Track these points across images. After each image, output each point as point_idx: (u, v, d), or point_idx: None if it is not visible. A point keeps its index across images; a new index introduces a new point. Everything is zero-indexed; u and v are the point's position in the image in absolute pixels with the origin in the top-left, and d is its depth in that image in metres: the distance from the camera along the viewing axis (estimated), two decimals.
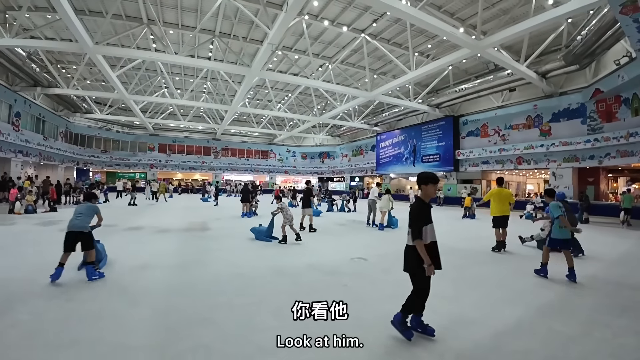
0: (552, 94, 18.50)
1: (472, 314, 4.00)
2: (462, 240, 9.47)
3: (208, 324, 3.62)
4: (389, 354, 3.07)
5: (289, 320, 3.75)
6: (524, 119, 20.30)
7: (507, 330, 3.53)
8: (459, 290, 4.90)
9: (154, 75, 23.92)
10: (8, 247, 7.20)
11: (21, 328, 3.40)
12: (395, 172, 31.02)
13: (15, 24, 14.27)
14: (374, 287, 5.05)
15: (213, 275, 5.49)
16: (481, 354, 3.05)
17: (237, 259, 6.68)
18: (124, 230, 10.00)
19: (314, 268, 6.04)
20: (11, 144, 20.09)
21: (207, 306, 4.15)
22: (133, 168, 36.58)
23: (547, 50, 16.24)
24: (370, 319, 3.84)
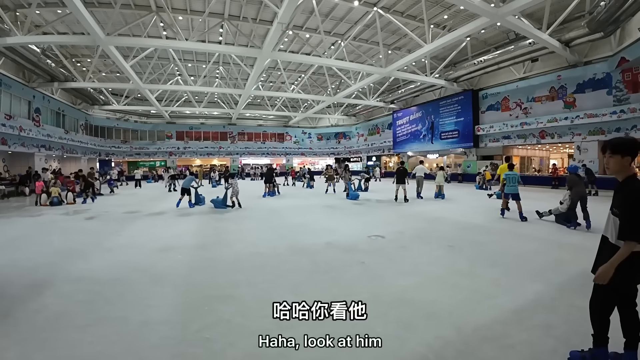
0: (576, 64, 17.50)
1: (490, 290, 3.93)
2: (480, 215, 9.31)
3: (228, 301, 3.73)
4: (406, 328, 3.06)
5: (307, 296, 3.81)
6: (547, 91, 19.33)
7: (526, 306, 3.45)
8: (477, 266, 4.82)
9: (167, 63, 24.01)
10: (35, 236, 7.52)
11: (49, 311, 3.55)
12: (413, 150, 30.47)
13: (26, 21, 14.49)
14: (391, 263, 5.03)
15: (233, 255, 5.61)
16: (500, 328, 3.01)
17: (256, 239, 6.79)
18: (146, 216, 10.31)
19: (331, 246, 6.07)
20: (33, 139, 20.73)
21: (227, 284, 4.26)
22: (153, 156, 37.45)
23: (570, 17, 15.24)
24: (386, 294, 3.84)
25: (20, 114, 20.17)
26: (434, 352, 2.62)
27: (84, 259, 5.51)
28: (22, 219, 10.12)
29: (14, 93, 19.47)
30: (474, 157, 24.40)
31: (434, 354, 2.61)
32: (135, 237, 7.22)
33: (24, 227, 8.63)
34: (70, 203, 13.62)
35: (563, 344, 2.69)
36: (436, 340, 2.81)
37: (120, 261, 5.36)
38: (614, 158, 2.31)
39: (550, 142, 19.76)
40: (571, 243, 6.03)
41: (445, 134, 26.20)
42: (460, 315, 3.27)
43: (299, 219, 9.32)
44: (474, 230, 7.38)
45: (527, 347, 2.67)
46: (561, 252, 5.43)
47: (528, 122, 19.87)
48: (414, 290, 3.91)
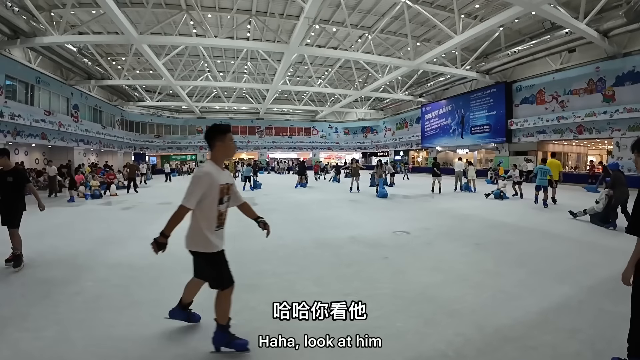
0: (615, 55, 16.38)
1: (515, 290, 3.83)
2: (510, 213, 9.02)
3: (254, 289, 3.89)
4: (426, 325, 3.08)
5: (329, 287, 3.93)
6: (585, 83, 18.22)
7: (552, 308, 3.34)
8: (504, 266, 4.70)
9: (197, 59, 24.69)
10: (75, 224, 8.06)
11: (87, 294, 3.82)
12: (442, 145, 29.73)
13: (62, 21, 15.33)
14: (415, 260, 5.03)
15: (259, 246, 5.78)
16: (523, 329, 2.95)
17: (282, 231, 6.94)
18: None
19: (355, 241, 6.12)
20: (72, 134, 22.05)
21: (253, 273, 4.42)
22: (184, 150, 38.85)
23: (607, 6, 14.29)
24: (408, 289, 3.85)
25: (60, 110, 21.48)
26: (454, 349, 2.63)
27: (120, 246, 5.89)
28: (63, 208, 10.86)
29: (52, 90, 20.72)
30: (506, 153, 23.48)
31: (454, 351, 2.61)
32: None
33: (64, 216, 9.27)
34: (113, 195, 14.16)
35: (588, 348, 2.62)
36: (456, 337, 2.80)
37: None
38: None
39: (588, 138, 18.69)
40: (606, 245, 5.73)
41: (476, 128, 25.36)
42: (483, 314, 3.23)
43: (325, 212, 9.44)
44: (502, 228, 7.19)
45: (550, 350, 2.61)
46: (594, 254, 5.19)
47: (565, 116, 18.85)
48: (437, 287, 3.90)
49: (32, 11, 13.93)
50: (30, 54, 18.24)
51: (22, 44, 15.58)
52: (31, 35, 15.27)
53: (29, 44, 15.72)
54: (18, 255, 4.67)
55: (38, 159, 21.42)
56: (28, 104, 18.40)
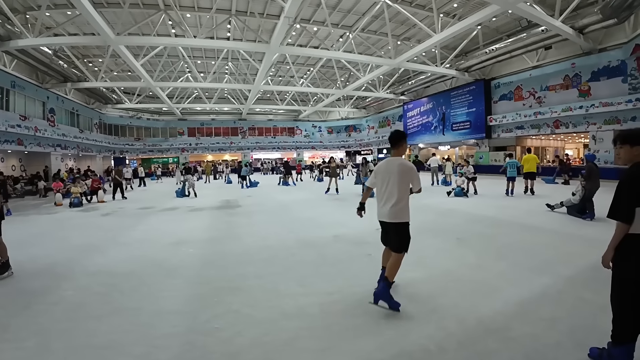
0: (590, 51, 16.94)
1: (496, 282, 3.92)
2: (490, 207, 9.21)
3: (237, 292, 3.85)
4: (409, 320, 3.11)
5: (313, 287, 3.92)
6: (561, 79, 18.80)
7: (532, 299, 3.43)
8: (485, 260, 4.80)
9: (177, 60, 24.24)
10: (53, 232, 7.79)
11: (67, 303, 3.71)
12: (424, 142, 30.13)
13: (36, 23, 14.80)
14: None
15: (242, 248, 5.74)
16: (504, 320, 3.02)
17: (266, 233, 6.92)
18: (159, 212, 10.57)
19: (339, 240, 6.14)
20: (49, 138, 21.30)
21: (236, 276, 4.38)
22: (166, 153, 38.06)
23: (582, 3, 14.78)
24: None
25: (35, 114, 20.70)
26: (435, 344, 2.67)
27: (100, 253, 5.73)
28: (40, 216, 10.49)
29: (28, 94, 19.98)
30: (486, 148, 24.01)
31: (435, 345, 2.65)
32: (150, 232, 7.44)
33: (41, 224, 8.96)
34: (101, 201, 13.48)
35: (567, 337, 2.69)
36: (438, 331, 2.85)
37: (135, 255, 5.54)
38: (624, 148, 2.35)
39: (565, 132, 19.27)
40: (583, 235, 5.93)
41: (457, 125, 25.82)
42: (465, 307, 3.29)
43: (308, 212, 9.43)
44: (483, 222, 7.34)
45: (530, 340, 2.68)
46: (572, 245, 5.35)
47: (542, 111, 19.40)
48: (420, 283, 3.95)
49: (7, 14, 13.42)
50: (5, 57, 17.56)
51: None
52: (6, 38, 14.73)
53: (4, 47, 15.15)
54: (4, 263, 4.55)
55: (15, 165, 20.61)
56: (3, 109, 17.69)
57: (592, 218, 7.17)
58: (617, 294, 2.29)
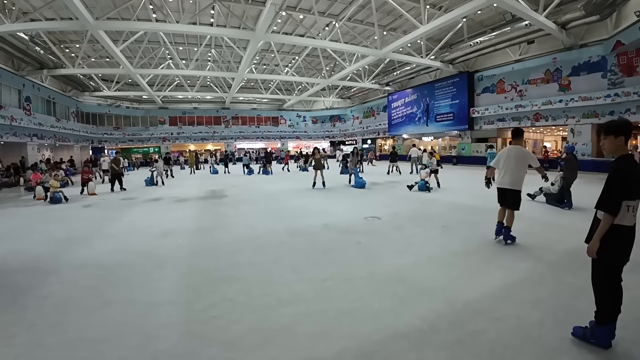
0: (572, 46, 17.41)
1: (482, 267, 4.10)
2: (472, 197, 9.46)
3: (231, 281, 3.87)
4: (401, 303, 3.23)
5: (305, 274, 3.99)
6: (542, 73, 19.30)
7: (516, 282, 3.61)
8: (470, 245, 5.00)
9: (157, 46, 23.46)
10: (34, 226, 7.52)
11: (55, 297, 3.63)
12: (408, 133, 30.47)
13: (14, 8, 14.04)
14: (387, 243, 5.20)
15: (232, 238, 5.74)
16: (490, 302, 3.18)
17: (254, 222, 6.92)
18: (143, 202, 10.38)
19: (328, 228, 6.22)
20: (25, 128, 20.40)
21: (228, 265, 4.40)
22: (146, 142, 37.04)
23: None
24: (382, 272, 4.00)
25: (11, 103, 19.76)
26: (428, 324, 2.80)
27: (85, 245, 5.60)
28: (19, 209, 10.09)
29: (3, 82, 19.05)
30: (468, 140, 24.52)
31: (428, 325, 2.78)
32: (135, 223, 7.32)
33: (21, 217, 8.63)
34: (92, 194, 12.35)
35: (549, 317, 2.87)
36: (430, 313, 2.98)
37: (122, 246, 5.46)
38: (608, 139, 2.44)
39: (545, 125, 19.86)
40: (562, 223, 6.19)
41: (441, 116, 26.20)
42: (453, 291, 3.44)
43: (296, 202, 9.46)
44: (466, 210, 7.57)
45: (515, 320, 2.84)
46: (552, 232, 5.58)
47: (523, 104, 19.91)
48: (409, 269, 4.08)
49: None
50: None
51: None
52: None
53: None
54: None
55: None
56: None
57: (570, 207, 7.48)
58: (598, 278, 2.44)
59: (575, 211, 7.25)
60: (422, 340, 2.57)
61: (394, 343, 2.55)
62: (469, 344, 2.52)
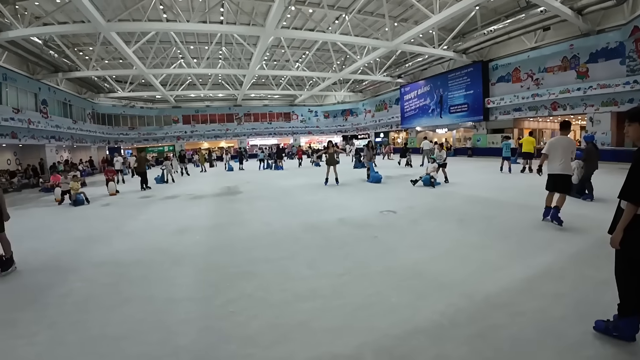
0: (589, 32, 16.77)
1: (500, 261, 4.00)
2: (489, 189, 9.30)
3: (248, 277, 3.90)
4: (419, 298, 3.19)
5: (322, 269, 3.98)
6: (559, 61, 18.65)
7: (536, 276, 3.52)
8: (487, 239, 4.88)
9: (169, 46, 23.70)
10: (54, 225, 7.72)
11: (76, 295, 3.71)
12: (422, 125, 30.03)
13: (26, 13, 14.35)
14: (403, 238, 5.14)
15: (248, 234, 5.78)
16: (510, 296, 3.11)
17: (269, 218, 6.95)
18: (160, 200, 10.56)
19: (344, 223, 6.19)
20: (43, 130, 20.96)
21: (245, 261, 4.43)
22: (161, 141, 37.62)
23: None
24: (399, 266, 3.96)
25: (28, 106, 20.30)
26: (447, 318, 2.75)
27: (104, 243, 5.73)
28: (39, 209, 10.37)
29: (19, 86, 19.57)
30: (484, 131, 24.00)
31: (447, 319, 2.74)
32: (152, 221, 7.45)
33: (41, 217, 8.88)
34: (112, 194, 12.30)
35: (572, 311, 2.78)
36: (449, 308, 2.93)
37: (140, 244, 5.57)
38: (632, 126, 2.36)
39: (563, 114, 19.22)
40: (583, 215, 5.98)
41: (455, 107, 25.71)
42: (472, 285, 3.38)
43: (310, 197, 9.46)
44: (483, 203, 7.41)
45: (537, 314, 2.77)
46: (573, 224, 5.39)
47: (540, 93, 19.32)
48: (426, 263, 4.03)
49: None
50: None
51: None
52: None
53: None
54: (7, 258, 4.48)
55: (10, 159, 20.32)
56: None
57: (592, 199, 7.24)
58: (621, 270, 2.36)
59: (596, 202, 7.03)
60: (442, 335, 2.54)
61: (413, 338, 2.52)
62: (490, 338, 2.47)
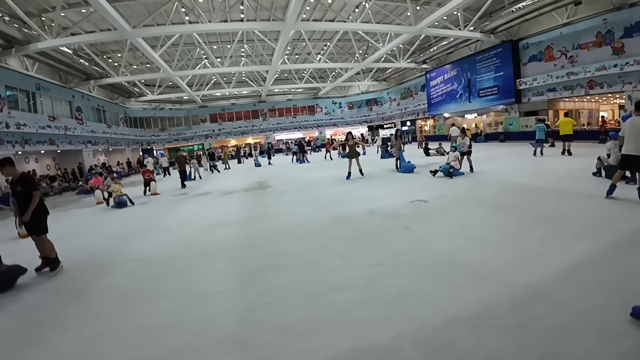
0: (621, 6, 15.51)
1: (538, 249, 3.83)
2: (524, 175, 8.87)
3: (281, 269, 3.98)
4: (455, 288, 3.13)
5: (354, 260, 3.99)
6: (593, 37, 17.34)
7: (577, 264, 3.34)
8: (524, 227, 4.67)
9: (193, 48, 24.24)
10: (95, 224, 8.21)
11: (118, 289, 3.92)
12: (450, 111, 29.07)
13: (53, 25, 15.06)
14: (436, 227, 5.04)
15: (278, 227, 5.88)
16: (551, 285, 2.97)
17: (299, 211, 7.03)
18: (193, 197, 10.93)
19: (374, 213, 6.15)
20: (79, 136, 22.23)
21: (277, 254, 4.52)
22: (190, 141, 38.85)
23: None
24: (433, 257, 3.89)
25: (63, 114, 21.51)
26: (486, 309, 2.68)
27: (142, 240, 6.03)
28: (80, 210, 11.05)
29: (54, 95, 20.71)
30: (516, 114, 22.90)
31: (486, 310, 2.67)
32: (187, 217, 7.75)
33: (83, 218, 9.46)
34: (154, 194, 12.43)
35: (615, 300, 2.63)
36: (487, 298, 2.85)
37: (176, 239, 5.81)
38: None
39: (600, 93, 17.99)
40: (626, 199, 5.56)
41: (484, 91, 24.68)
42: (509, 274, 3.26)
43: (338, 188, 9.45)
44: (518, 190, 7.09)
45: (578, 304, 2.64)
46: (614, 210, 5.06)
47: (575, 71, 18.12)
48: (461, 252, 3.93)
49: (23, 18, 13.65)
50: (26, 61, 18.17)
51: (17, 53, 15.51)
52: (25, 42, 15.14)
53: (24, 51, 15.60)
54: (53, 259, 4.66)
55: (49, 164, 21.73)
56: (32, 111, 18.47)
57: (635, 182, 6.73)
58: None
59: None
60: (481, 326, 2.48)
61: (451, 329, 2.48)
62: (531, 329, 2.39)
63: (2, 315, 3.53)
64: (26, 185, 4.62)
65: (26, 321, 3.35)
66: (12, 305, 3.75)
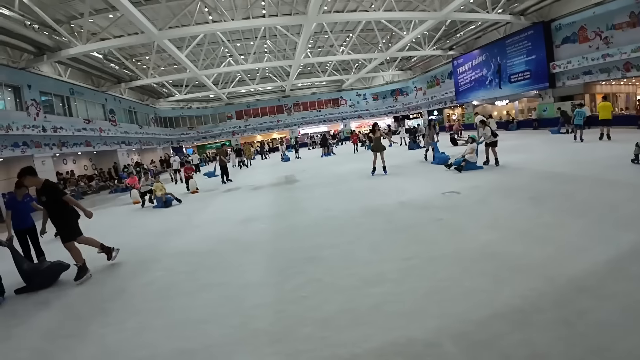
0: None
1: (580, 241, 3.65)
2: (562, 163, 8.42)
3: (315, 262, 4.02)
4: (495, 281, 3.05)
5: (388, 253, 3.97)
6: (627, 17, 16.08)
7: (621, 256, 3.16)
8: (564, 218, 4.46)
9: (217, 46, 24.70)
10: (131, 221, 8.64)
11: (158, 283, 4.09)
12: (479, 99, 27.99)
13: (82, 31, 15.74)
14: (471, 219, 4.92)
15: (309, 221, 5.94)
16: (595, 278, 2.84)
17: (329, 204, 7.05)
18: (223, 193, 11.23)
19: (405, 206, 6.07)
20: (113, 137, 23.41)
21: (310, 247, 4.57)
22: (218, 138, 39.90)
23: None
24: (469, 249, 3.80)
25: (97, 116, 22.65)
26: (530, 303, 2.59)
27: (178, 236, 6.26)
28: (117, 208, 11.66)
29: (87, 99, 21.83)
30: (550, 99, 21.73)
31: (530, 305, 2.58)
32: (219, 213, 7.97)
33: (119, 216, 9.95)
34: (194, 192, 12.37)
35: None
36: (530, 292, 2.75)
37: (210, 234, 5.99)
38: None
39: (637, 75, 16.79)
40: None
41: (515, 76, 23.57)
42: (552, 267, 3.13)
43: (366, 182, 9.38)
44: (556, 179, 6.76)
45: (625, 297, 2.51)
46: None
47: (610, 53, 16.89)
48: (498, 244, 3.82)
49: (52, 25, 14.29)
50: (59, 67, 19.19)
51: (49, 59, 16.33)
52: (56, 49, 15.90)
53: (56, 58, 16.40)
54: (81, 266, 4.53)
55: (86, 165, 23.00)
56: (67, 115, 19.55)
57: None
58: None
59: None
60: (525, 321, 2.40)
61: (493, 323, 2.42)
62: (576, 324, 2.29)
63: (47, 311, 3.73)
64: (51, 193, 4.50)
65: (71, 316, 3.54)
66: (56, 301, 3.97)
